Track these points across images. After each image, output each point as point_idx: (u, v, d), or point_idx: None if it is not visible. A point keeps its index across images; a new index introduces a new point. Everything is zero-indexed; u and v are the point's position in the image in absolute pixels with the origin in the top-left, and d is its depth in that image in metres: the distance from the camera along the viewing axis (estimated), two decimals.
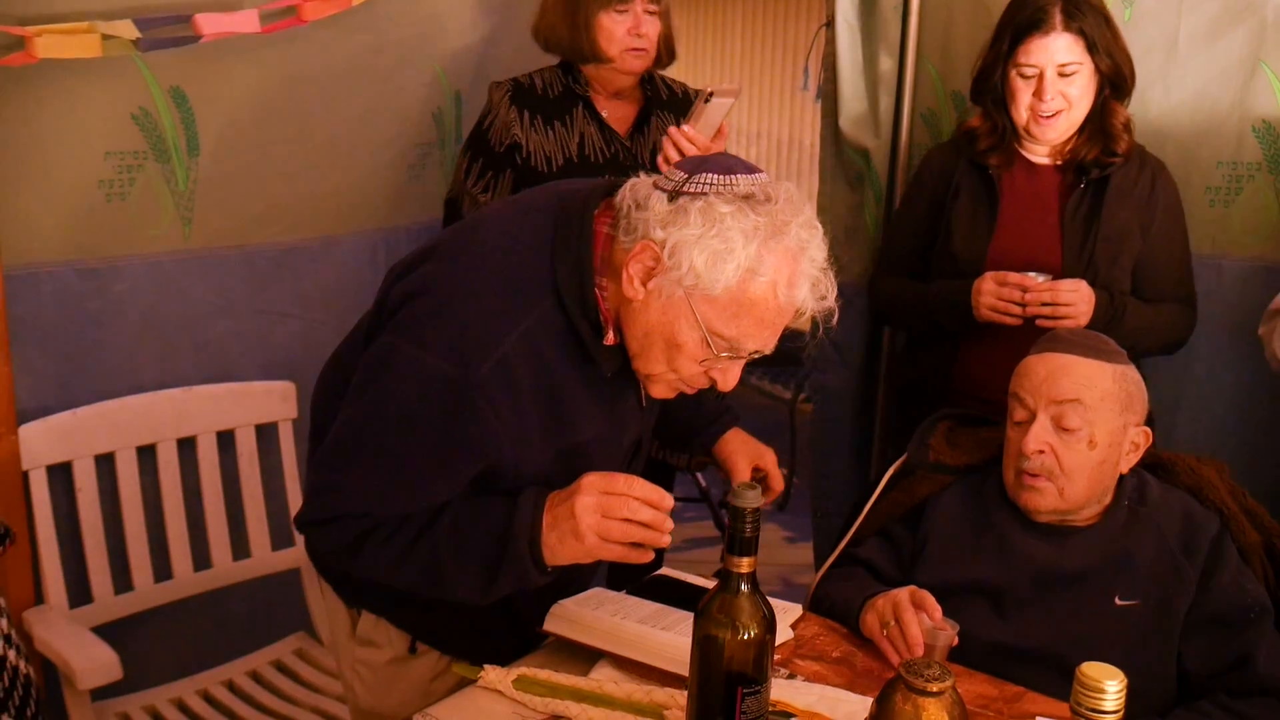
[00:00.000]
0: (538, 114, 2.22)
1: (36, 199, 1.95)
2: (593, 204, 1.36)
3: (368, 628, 1.57)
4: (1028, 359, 1.68)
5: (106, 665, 1.74)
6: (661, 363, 1.34)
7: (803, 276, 1.28)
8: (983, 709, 1.43)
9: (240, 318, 2.23)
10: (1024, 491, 1.62)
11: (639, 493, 1.29)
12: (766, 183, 1.29)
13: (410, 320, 1.32)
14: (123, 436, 2.08)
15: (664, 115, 2.31)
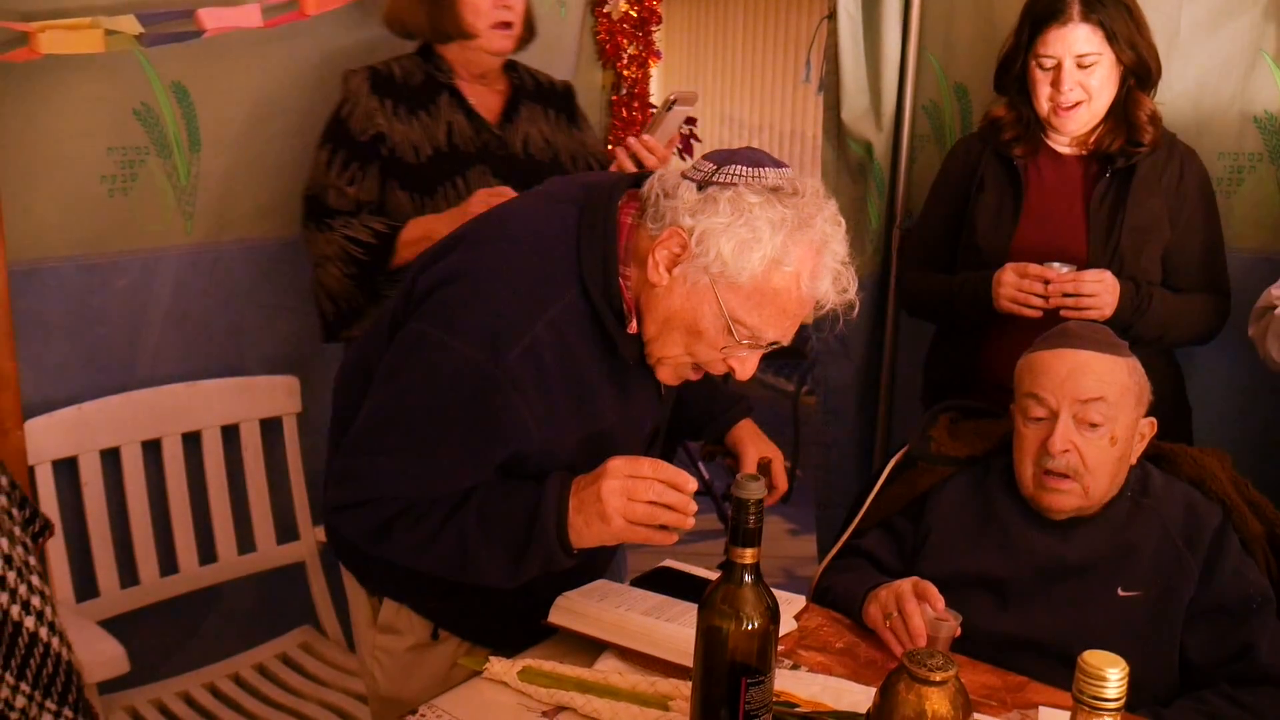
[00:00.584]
0: (400, 103, 2.11)
1: (40, 194, 1.96)
2: (618, 194, 1.39)
3: (389, 615, 1.58)
4: (1040, 355, 1.66)
5: (114, 659, 1.74)
6: (679, 347, 1.37)
7: (825, 269, 1.31)
8: (986, 699, 1.43)
9: (243, 312, 2.23)
10: (1047, 493, 1.61)
11: (664, 476, 1.31)
12: (793, 177, 1.32)
13: (439, 308, 1.35)
14: (128, 431, 2.09)
15: (532, 105, 2.25)
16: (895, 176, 2.65)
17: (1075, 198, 2.12)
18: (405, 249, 2.04)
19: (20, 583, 1.30)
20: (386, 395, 1.38)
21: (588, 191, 1.40)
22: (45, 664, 1.34)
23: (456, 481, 1.37)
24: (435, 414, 1.34)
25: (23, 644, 1.31)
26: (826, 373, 2.77)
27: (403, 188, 2.10)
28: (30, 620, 1.31)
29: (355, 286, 2.07)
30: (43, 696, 1.34)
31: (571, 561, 1.38)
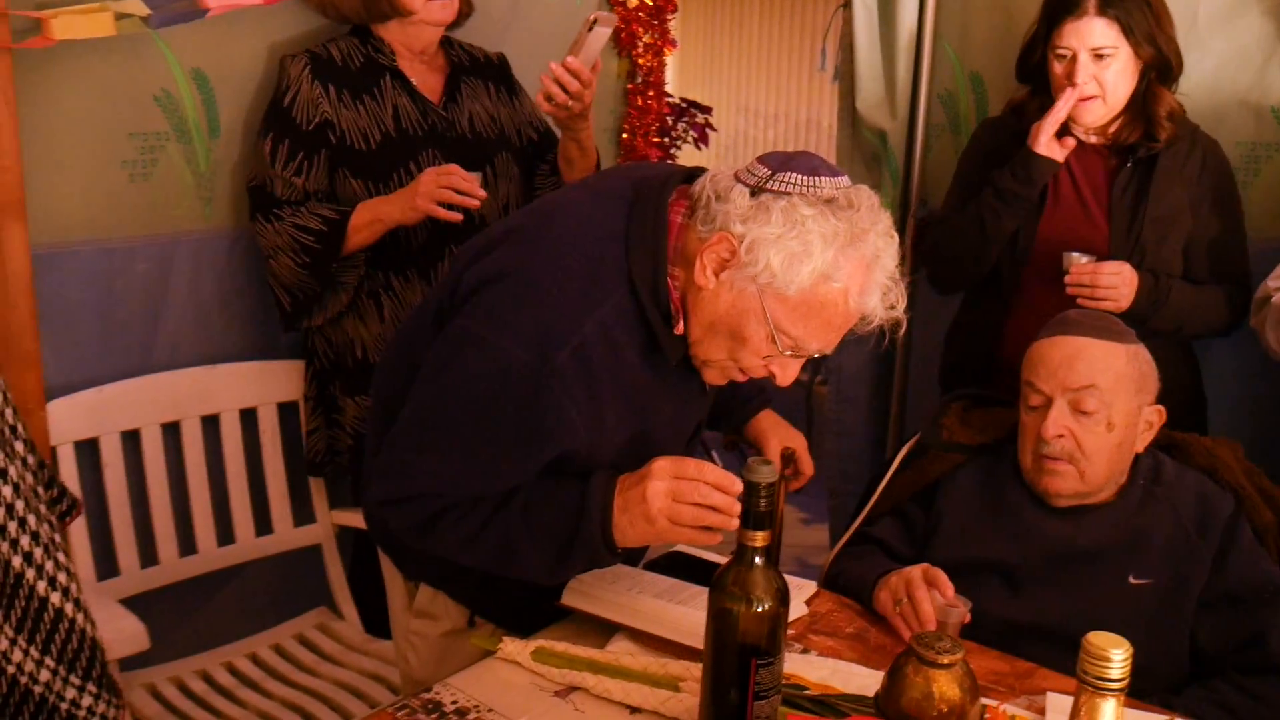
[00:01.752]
0: (344, 88, 2.05)
1: (63, 179, 1.98)
2: (668, 192, 1.37)
3: (425, 600, 1.60)
4: (1038, 344, 1.68)
5: (134, 636, 1.77)
6: (723, 352, 1.36)
7: (874, 285, 1.30)
8: (994, 684, 1.45)
9: (261, 296, 2.25)
10: (1044, 476, 1.63)
11: (710, 477, 1.31)
12: (849, 188, 1.30)
13: (487, 306, 1.34)
14: (148, 413, 2.11)
15: (472, 81, 2.22)
16: (910, 165, 2.65)
17: (1098, 187, 2.13)
18: (355, 234, 2.02)
19: (47, 559, 1.33)
20: (433, 392, 1.37)
21: (637, 188, 1.39)
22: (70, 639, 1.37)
23: (502, 480, 1.37)
24: (482, 413, 1.34)
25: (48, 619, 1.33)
26: (839, 361, 2.78)
27: (355, 176, 2.07)
28: (56, 596, 1.34)
29: (309, 275, 2.04)
30: (67, 671, 1.36)
31: (615, 560, 1.39)
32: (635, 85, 3.01)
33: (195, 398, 2.17)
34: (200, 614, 2.27)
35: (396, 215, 2.01)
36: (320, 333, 2.20)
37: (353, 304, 2.15)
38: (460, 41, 2.26)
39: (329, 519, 2.36)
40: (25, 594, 1.31)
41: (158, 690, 2.07)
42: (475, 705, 1.35)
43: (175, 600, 2.19)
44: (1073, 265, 2.00)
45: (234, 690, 2.10)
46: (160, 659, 2.13)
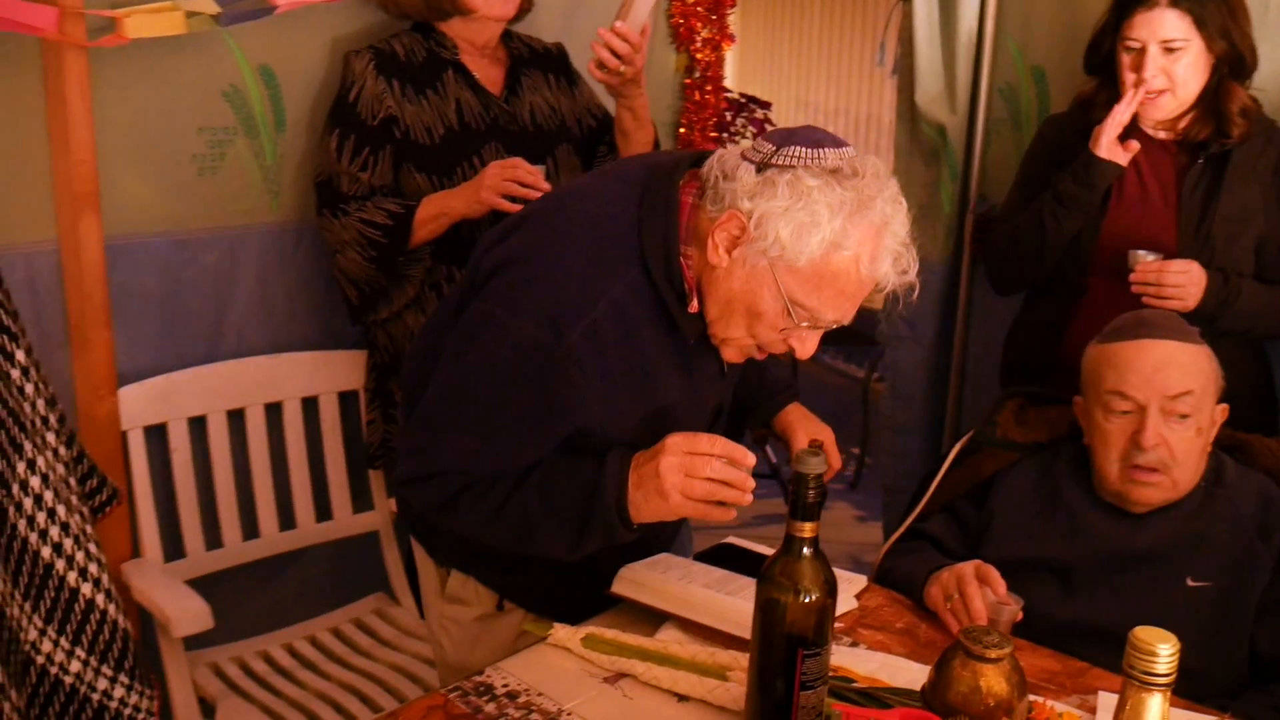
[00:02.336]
0: (407, 83, 2.08)
1: (136, 173, 2.04)
2: (679, 174, 1.39)
3: (456, 586, 1.63)
4: (1120, 348, 1.63)
5: (199, 615, 1.83)
6: (740, 328, 1.38)
7: (885, 251, 1.30)
8: (1046, 682, 1.44)
9: (324, 288, 2.30)
10: (1137, 487, 1.59)
11: (721, 451, 1.32)
12: (853, 157, 1.31)
13: (503, 288, 1.37)
14: (214, 400, 2.17)
15: (532, 73, 2.23)
16: (969, 160, 2.62)
17: (1167, 184, 2.09)
18: (421, 228, 2.05)
19: (77, 550, 1.35)
20: (452, 373, 1.41)
21: (649, 171, 1.41)
22: (102, 630, 1.39)
23: (520, 457, 1.40)
24: (499, 391, 1.37)
25: (79, 610, 1.36)
26: (895, 357, 2.77)
27: (420, 170, 2.10)
28: (87, 587, 1.36)
29: (376, 269, 2.08)
30: (99, 662, 1.38)
31: (632, 536, 1.40)
32: (693, 80, 3.01)
33: (259, 386, 2.23)
34: (262, 596, 2.33)
35: (462, 208, 2.04)
36: (381, 326, 2.24)
37: (416, 298, 2.18)
38: (519, 33, 2.29)
39: (387, 506, 2.40)
40: (55, 584, 1.33)
41: (220, 669, 2.13)
42: (525, 689, 1.38)
43: (239, 582, 2.26)
44: (1138, 264, 1.97)
45: (293, 671, 2.15)
46: (223, 639, 2.19)
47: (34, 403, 1.33)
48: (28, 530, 1.28)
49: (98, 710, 1.38)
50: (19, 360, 1.30)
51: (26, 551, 1.28)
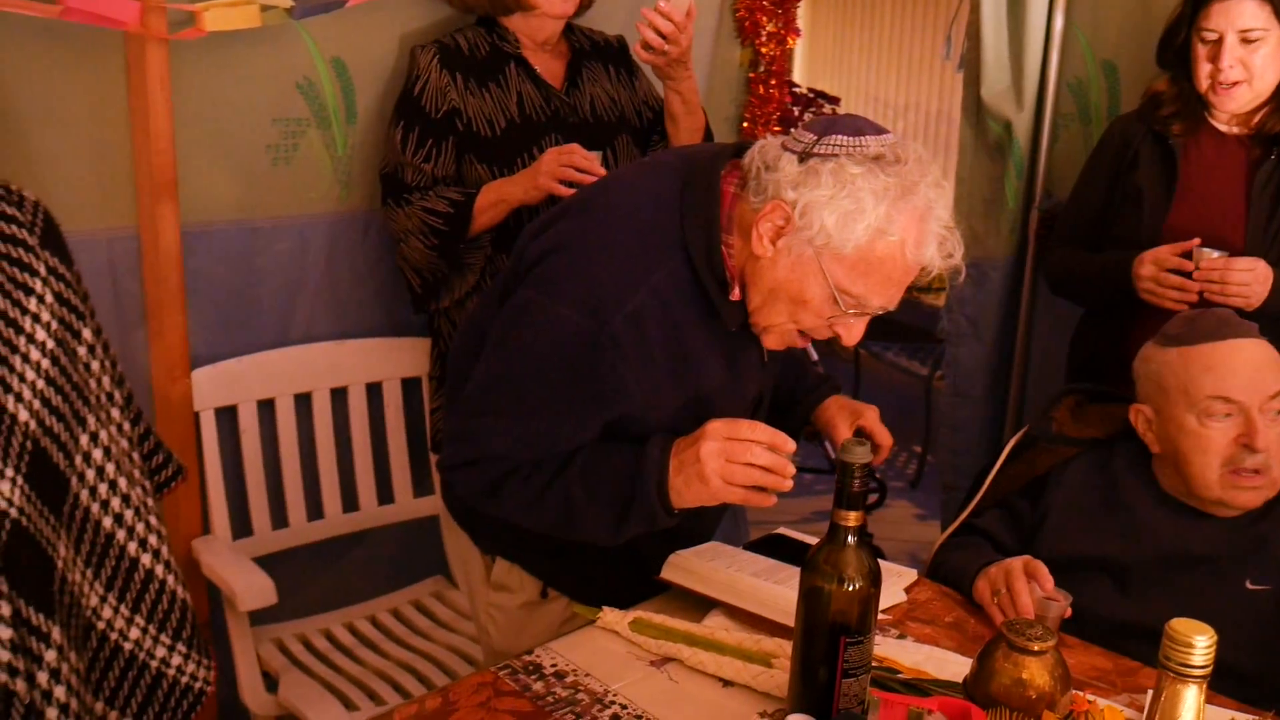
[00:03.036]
0: (470, 77, 2.12)
1: (212, 162, 2.11)
2: (720, 164, 1.40)
3: (501, 573, 1.66)
4: (1210, 350, 1.58)
5: (264, 590, 1.89)
6: (784, 316, 1.38)
7: (930, 235, 1.30)
8: (1096, 679, 1.42)
9: (390, 276, 2.35)
10: (1242, 492, 1.56)
11: (761, 437, 1.33)
12: (895, 143, 1.31)
13: (546, 275, 1.40)
14: (282, 384, 2.23)
15: (593, 65, 2.26)
16: (1035, 156, 2.59)
17: (1236, 180, 2.04)
18: (481, 215, 2.09)
19: (138, 521, 1.40)
20: (496, 359, 1.44)
21: (689, 162, 1.42)
22: (161, 599, 1.44)
23: (562, 442, 1.42)
24: (541, 377, 1.39)
25: (139, 579, 1.40)
26: (957, 354, 2.74)
27: (481, 161, 2.14)
28: (147, 558, 1.41)
29: (438, 256, 2.12)
30: (157, 630, 1.43)
31: (673, 521, 1.41)
32: (757, 74, 3.01)
33: (326, 371, 2.29)
34: (325, 576, 2.40)
35: (520, 195, 2.08)
36: (445, 315, 2.29)
37: (478, 285, 2.23)
38: (581, 27, 2.32)
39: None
40: (116, 554, 1.38)
41: (284, 644, 2.20)
42: (573, 669, 1.40)
43: (303, 562, 2.32)
44: (1203, 260, 1.93)
45: (353, 648, 2.21)
46: (288, 616, 2.26)
47: (99, 379, 1.38)
48: (89, 500, 1.34)
49: (156, 677, 1.42)
50: (85, 338, 1.36)
51: (88, 520, 1.34)
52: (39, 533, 1.26)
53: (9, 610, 1.22)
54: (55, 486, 1.29)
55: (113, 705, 1.39)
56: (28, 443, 1.25)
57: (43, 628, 1.25)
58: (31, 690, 1.24)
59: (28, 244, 1.32)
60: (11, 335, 1.26)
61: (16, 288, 1.28)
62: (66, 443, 1.31)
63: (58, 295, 1.33)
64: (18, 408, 1.24)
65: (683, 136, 2.23)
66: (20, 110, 1.85)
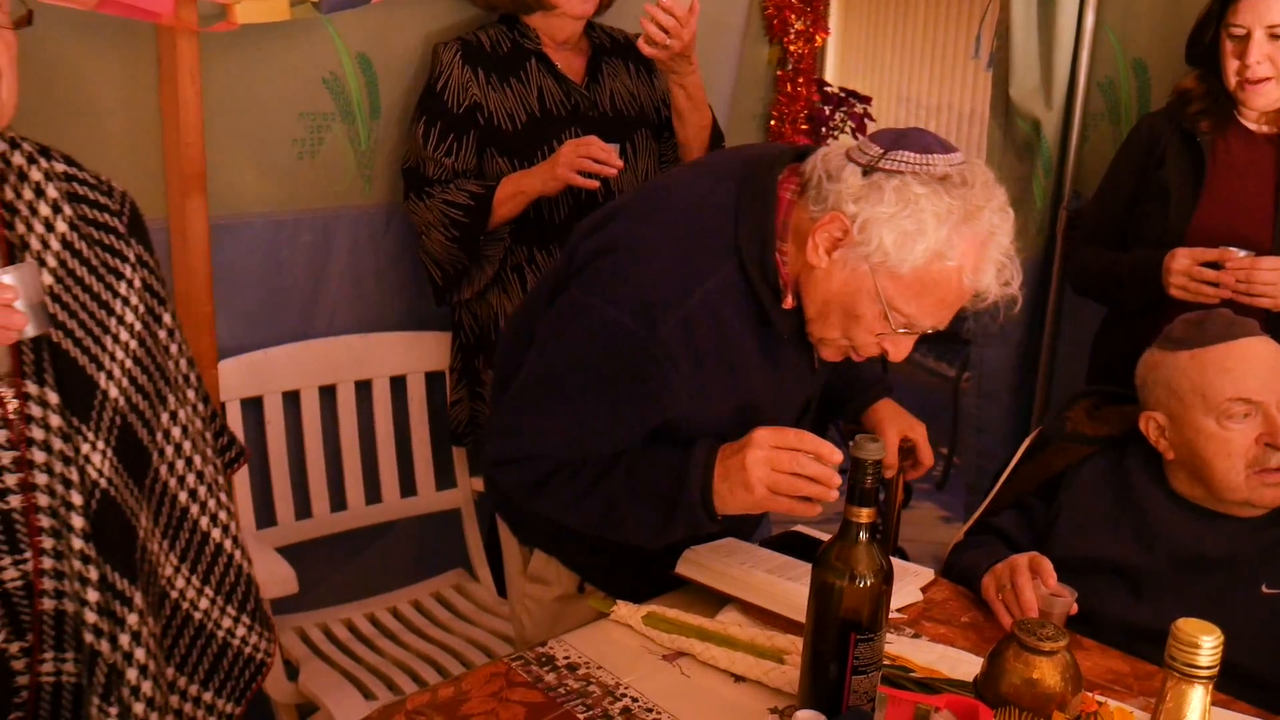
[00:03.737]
0: (492, 72, 2.16)
1: (240, 155, 2.13)
2: (778, 169, 1.39)
3: (539, 566, 1.67)
4: (1225, 351, 1.57)
5: (285, 579, 1.91)
6: (836, 330, 1.37)
7: (989, 262, 1.29)
8: (1112, 683, 1.41)
9: (413, 270, 2.37)
10: (1270, 489, 1.54)
11: (809, 447, 1.32)
12: (963, 165, 1.29)
13: (598, 277, 1.39)
14: (307, 376, 2.25)
15: (613, 61, 2.28)
16: (1064, 156, 2.56)
17: (1265, 179, 2.02)
18: (500, 207, 2.12)
19: (210, 497, 1.47)
20: (545, 358, 1.44)
21: (747, 165, 1.41)
22: (229, 573, 1.50)
23: (609, 444, 1.42)
24: (590, 379, 1.39)
25: (209, 552, 1.47)
26: (982, 355, 2.72)
27: (501, 155, 2.17)
28: (217, 532, 1.47)
29: (458, 248, 2.14)
30: (224, 602, 1.49)
31: (716, 527, 1.41)
32: (785, 72, 3.01)
33: (350, 364, 2.31)
34: (348, 567, 2.42)
35: (539, 186, 2.10)
36: (467, 307, 2.30)
37: (497, 278, 2.24)
38: (601, 24, 2.34)
39: (469, 485, 2.47)
40: (189, 527, 1.45)
41: (305, 633, 2.22)
42: (586, 662, 1.41)
43: (326, 552, 2.35)
44: (1228, 260, 1.91)
45: (374, 639, 2.23)
46: (310, 606, 2.28)
47: (177, 361, 1.46)
48: (168, 475, 1.41)
49: (222, 646, 1.50)
50: (165, 322, 1.43)
51: (166, 494, 1.41)
52: (125, 504, 1.32)
53: (97, 575, 1.28)
54: (139, 461, 1.36)
55: (182, 671, 1.45)
56: (117, 418, 1.32)
57: (126, 592, 1.31)
58: (115, 652, 1.30)
59: (119, 232, 1.39)
60: (104, 317, 1.33)
61: (109, 272, 1.35)
62: (150, 420, 1.37)
63: (144, 281, 1.39)
64: (109, 385, 1.31)
65: (689, 133, 2.25)
66: (53, 102, 1.88)
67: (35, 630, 1.29)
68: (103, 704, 1.30)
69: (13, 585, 1.27)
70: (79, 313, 1.30)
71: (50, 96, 1.88)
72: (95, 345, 1.31)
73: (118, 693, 1.30)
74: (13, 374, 1.26)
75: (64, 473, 1.26)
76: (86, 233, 1.34)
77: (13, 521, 1.25)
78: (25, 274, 1.17)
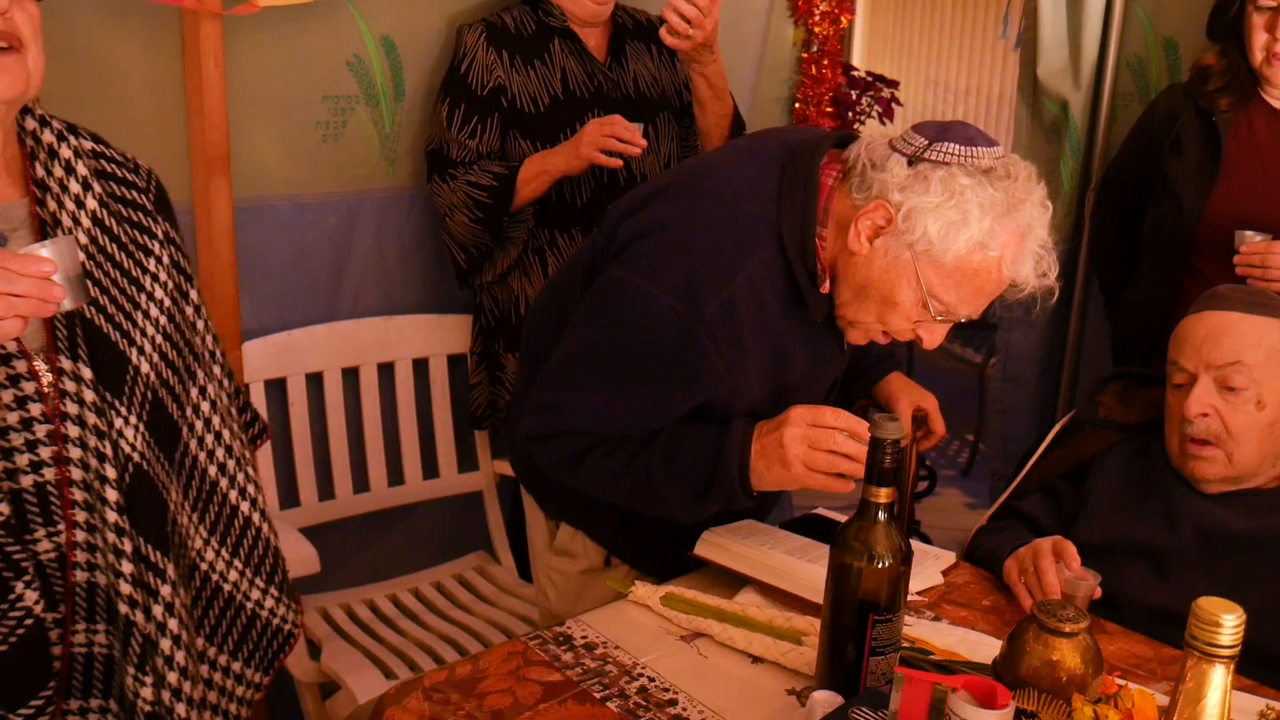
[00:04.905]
0: (516, 54, 2.15)
1: (264, 138, 2.14)
2: (820, 154, 1.41)
3: (565, 539, 1.68)
4: (1185, 320, 1.60)
5: (307, 559, 1.92)
6: (871, 314, 1.40)
7: (1028, 253, 1.32)
8: (1135, 667, 1.40)
9: (436, 253, 2.37)
10: (1190, 461, 1.56)
11: (845, 425, 1.35)
12: (1006, 159, 1.33)
13: (642, 256, 1.40)
14: (331, 358, 2.27)
15: (635, 44, 2.26)
16: (1093, 137, 2.53)
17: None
18: (524, 187, 2.11)
19: (238, 471, 1.49)
20: (586, 335, 1.45)
21: (790, 150, 1.43)
22: (257, 546, 1.52)
23: (648, 421, 1.43)
24: (633, 357, 1.40)
25: (238, 525, 1.49)
26: (1008, 339, 2.70)
27: (525, 137, 2.16)
28: (246, 505, 1.49)
29: (482, 229, 2.14)
30: (253, 574, 1.52)
31: (751, 503, 1.43)
32: (810, 55, 2.98)
33: (373, 346, 2.32)
34: (371, 549, 2.44)
35: (563, 165, 2.09)
36: (488, 291, 2.31)
37: (518, 261, 2.24)
38: (624, 6, 2.33)
39: (491, 468, 2.47)
40: (219, 501, 1.47)
41: (328, 613, 2.23)
42: (603, 642, 1.41)
43: (349, 533, 2.36)
44: (1244, 244, 1.88)
45: (395, 620, 2.24)
46: (333, 586, 2.30)
47: (204, 338, 1.48)
48: (198, 449, 1.43)
49: (250, 617, 1.52)
50: (192, 299, 1.45)
51: (196, 468, 1.42)
52: (156, 477, 1.34)
53: (130, 547, 1.30)
54: (170, 435, 1.38)
55: (212, 641, 1.48)
56: (149, 393, 1.33)
57: (159, 564, 1.33)
58: (149, 623, 1.32)
59: (147, 209, 1.41)
60: (134, 293, 1.34)
61: (138, 249, 1.36)
62: (180, 395, 1.39)
63: (171, 258, 1.41)
64: (140, 360, 1.32)
65: (710, 121, 2.24)
66: (79, 86, 1.89)
67: (68, 601, 1.31)
68: (138, 673, 1.32)
69: (46, 557, 1.29)
70: (110, 289, 1.31)
71: (76, 80, 1.89)
72: (126, 321, 1.32)
73: (152, 662, 1.33)
74: (47, 349, 1.27)
75: (98, 446, 1.27)
76: (116, 209, 1.35)
77: (47, 494, 1.27)
78: (63, 247, 1.18)
